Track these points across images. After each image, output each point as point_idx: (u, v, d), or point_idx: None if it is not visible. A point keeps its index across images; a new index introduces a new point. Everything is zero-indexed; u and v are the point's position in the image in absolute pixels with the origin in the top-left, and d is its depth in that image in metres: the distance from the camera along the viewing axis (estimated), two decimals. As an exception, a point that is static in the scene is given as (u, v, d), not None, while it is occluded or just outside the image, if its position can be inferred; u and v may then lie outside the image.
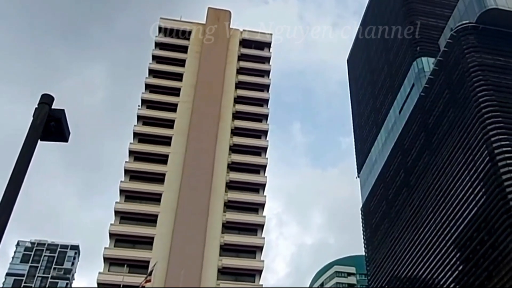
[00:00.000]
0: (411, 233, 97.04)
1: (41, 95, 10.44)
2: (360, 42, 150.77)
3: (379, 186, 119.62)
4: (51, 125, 10.27)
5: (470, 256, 76.25)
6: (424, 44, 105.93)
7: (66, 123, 10.62)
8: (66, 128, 10.59)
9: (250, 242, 61.81)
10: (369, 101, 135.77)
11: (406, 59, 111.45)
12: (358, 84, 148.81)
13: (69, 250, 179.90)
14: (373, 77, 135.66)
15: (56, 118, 10.35)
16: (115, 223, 61.17)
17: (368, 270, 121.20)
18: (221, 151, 66.88)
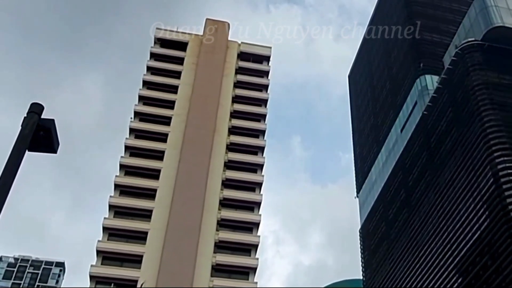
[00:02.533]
0: (411, 256, 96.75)
1: (30, 104, 10.44)
2: (362, 56, 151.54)
3: (379, 207, 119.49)
4: (40, 135, 10.27)
5: (472, 282, 75.97)
6: (428, 61, 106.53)
7: (56, 134, 10.62)
8: (55, 138, 10.59)
9: (243, 262, 61.55)
10: (370, 118, 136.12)
11: (409, 76, 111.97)
12: (358, 100, 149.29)
13: (54, 267, 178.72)
14: (374, 93, 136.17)
15: (46, 128, 10.35)
16: (103, 239, 60.85)
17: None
18: (215, 167, 66.82)
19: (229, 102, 73.76)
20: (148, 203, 63.26)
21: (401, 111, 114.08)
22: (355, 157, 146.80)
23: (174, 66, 75.92)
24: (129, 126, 70.31)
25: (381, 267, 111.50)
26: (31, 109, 10.39)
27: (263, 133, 73.72)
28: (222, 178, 66.89)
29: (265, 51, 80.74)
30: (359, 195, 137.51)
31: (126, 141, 69.00)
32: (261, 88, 77.61)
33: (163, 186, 64.38)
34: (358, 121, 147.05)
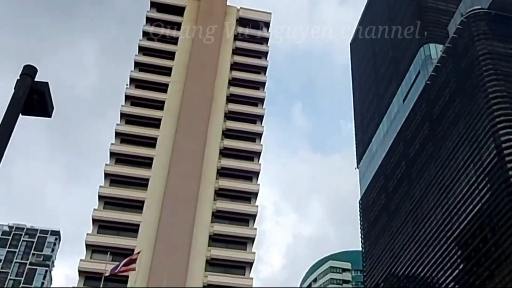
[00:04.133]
0: (410, 228, 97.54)
1: (23, 66, 10.39)
2: (365, 24, 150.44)
3: (379, 178, 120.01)
4: (33, 98, 10.24)
5: (471, 254, 76.77)
6: (433, 29, 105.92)
7: (50, 97, 10.59)
8: (49, 102, 10.56)
9: (241, 232, 61.94)
10: (372, 88, 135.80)
11: (413, 44, 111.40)
12: (361, 69, 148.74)
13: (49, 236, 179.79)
14: (376, 62, 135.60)
15: (39, 91, 10.31)
16: (99, 208, 61.14)
17: (364, 266, 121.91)
18: (213, 135, 66.79)
19: (227, 69, 73.40)
20: (144, 172, 63.38)
21: (404, 80, 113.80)
22: (356, 127, 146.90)
23: (171, 31, 75.29)
24: (125, 93, 70.08)
25: (380, 239, 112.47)
26: (24, 71, 10.33)
27: (262, 101, 73.55)
28: (220, 147, 66.93)
29: (264, 17, 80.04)
30: (359, 166, 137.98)
31: (122, 109, 68.85)
32: (261, 55, 77.17)
33: (159, 155, 64.45)
34: (359, 90, 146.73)
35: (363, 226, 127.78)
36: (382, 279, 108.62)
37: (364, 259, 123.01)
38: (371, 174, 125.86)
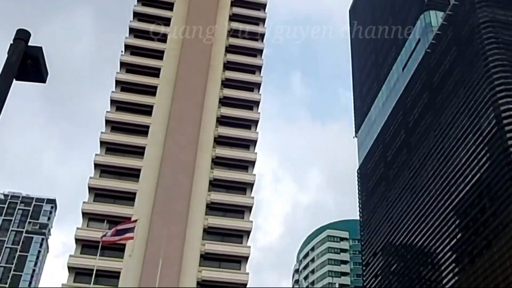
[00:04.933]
0: (408, 197, 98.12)
1: (16, 30, 10.30)
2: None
3: (378, 147, 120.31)
4: (27, 63, 10.18)
5: (469, 224, 77.41)
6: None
7: (44, 62, 10.52)
8: (44, 67, 10.50)
9: (238, 201, 62.22)
10: (371, 56, 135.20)
11: (413, 11, 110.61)
12: (359, 36, 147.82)
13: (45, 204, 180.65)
14: (376, 29, 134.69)
15: (33, 56, 10.24)
16: (95, 176, 61.27)
17: (362, 235, 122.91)
18: (210, 103, 66.64)
19: (224, 36, 72.89)
20: (140, 140, 63.36)
21: (404, 48, 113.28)
22: (354, 95, 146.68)
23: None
24: (120, 60, 69.65)
25: (378, 208, 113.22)
26: (17, 36, 10.24)
27: (260, 69, 73.21)
28: (216, 115, 66.84)
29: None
30: (357, 135, 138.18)
31: (117, 76, 68.51)
32: (258, 21, 76.56)
33: (156, 123, 64.36)
34: (358, 58, 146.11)
35: (361, 195, 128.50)
36: (380, 248, 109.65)
37: (362, 228, 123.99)
38: (369, 143, 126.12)
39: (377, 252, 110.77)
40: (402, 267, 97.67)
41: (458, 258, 79.10)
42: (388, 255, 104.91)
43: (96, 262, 47.70)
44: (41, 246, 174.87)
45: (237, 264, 58.50)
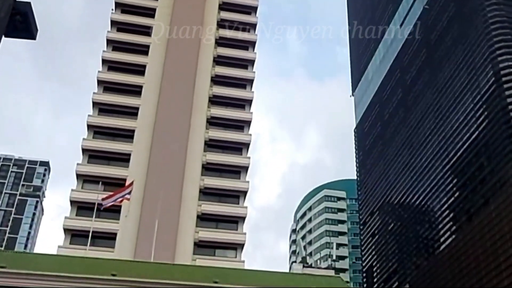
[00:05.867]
0: (406, 156, 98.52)
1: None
2: None
3: (375, 106, 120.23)
4: (16, 19, 10.07)
5: (467, 182, 77.92)
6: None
7: (33, 18, 10.41)
8: (33, 23, 10.39)
9: (234, 161, 62.47)
10: (368, 12, 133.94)
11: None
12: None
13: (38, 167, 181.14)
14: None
15: (22, 11, 10.13)
16: (88, 138, 61.27)
17: (359, 194, 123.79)
18: (203, 62, 66.27)
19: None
20: (133, 100, 63.17)
21: (401, 5, 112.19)
22: (351, 53, 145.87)
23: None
24: (111, 18, 68.91)
25: (375, 167, 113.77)
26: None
27: (254, 26, 72.60)
28: (211, 75, 66.57)
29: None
30: (354, 93, 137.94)
31: (108, 35, 67.86)
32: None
33: (149, 83, 64.09)
34: (355, 15, 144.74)
35: (358, 155, 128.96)
36: (377, 208, 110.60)
37: (359, 188, 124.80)
38: (366, 101, 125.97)
39: (374, 211, 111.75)
40: (399, 226, 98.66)
41: (455, 216, 79.86)
42: (385, 214, 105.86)
43: (92, 223, 48.04)
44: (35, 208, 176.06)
45: (234, 224, 59.05)
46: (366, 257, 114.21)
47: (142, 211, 54.23)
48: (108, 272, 33.41)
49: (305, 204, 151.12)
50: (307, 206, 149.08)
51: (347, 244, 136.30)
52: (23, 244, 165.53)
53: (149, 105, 62.28)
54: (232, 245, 57.69)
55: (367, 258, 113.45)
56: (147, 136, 60.38)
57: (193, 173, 59.24)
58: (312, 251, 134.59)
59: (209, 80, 66.15)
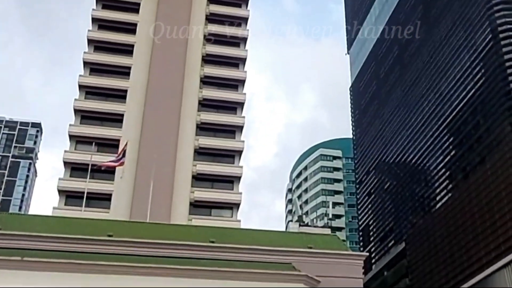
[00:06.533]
0: (402, 115, 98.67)
1: None
2: None
3: (370, 64, 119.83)
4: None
5: (463, 141, 78.24)
6: None
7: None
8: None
9: (229, 121, 62.51)
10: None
11: None
12: None
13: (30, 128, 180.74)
14: None
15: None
16: (80, 98, 61.08)
17: (355, 153, 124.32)
18: (196, 21, 65.68)
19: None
20: (125, 60, 62.75)
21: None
22: (346, 11, 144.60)
23: None
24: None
25: (371, 126, 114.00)
26: None
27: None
28: (204, 33, 66.06)
29: None
30: (350, 51, 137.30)
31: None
32: None
33: (140, 41, 63.57)
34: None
35: (353, 113, 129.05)
36: (373, 166, 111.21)
37: (355, 147, 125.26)
38: (362, 59, 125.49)
39: (370, 170, 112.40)
40: (395, 185, 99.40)
41: (451, 174, 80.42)
42: (381, 173, 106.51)
43: (86, 184, 48.28)
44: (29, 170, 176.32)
45: (229, 184, 59.41)
46: (362, 215, 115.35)
47: (137, 171, 54.44)
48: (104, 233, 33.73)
49: (301, 164, 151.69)
50: (303, 165, 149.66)
51: (343, 203, 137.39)
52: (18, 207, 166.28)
53: (141, 64, 61.94)
54: (227, 205, 58.16)
55: (363, 216, 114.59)
56: (140, 96, 60.23)
57: (188, 133, 59.33)
58: (308, 210, 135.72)
59: (202, 39, 65.68)
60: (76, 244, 32.17)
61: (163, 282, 31.15)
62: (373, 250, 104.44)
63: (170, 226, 42.81)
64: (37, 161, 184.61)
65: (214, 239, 35.09)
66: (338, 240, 42.28)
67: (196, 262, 33.01)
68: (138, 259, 31.97)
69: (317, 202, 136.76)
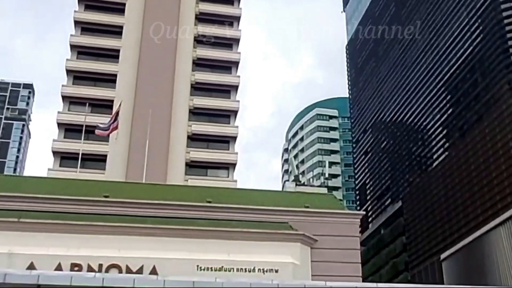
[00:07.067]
0: (399, 73, 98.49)
1: None
2: None
3: (367, 22, 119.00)
4: None
5: (460, 99, 78.35)
6: None
7: None
8: None
9: (224, 80, 62.29)
10: None
11: None
12: None
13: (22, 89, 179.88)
14: None
15: None
16: (72, 58, 60.65)
17: (352, 113, 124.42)
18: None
19: None
20: (117, 18, 62.06)
21: None
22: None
23: None
24: None
25: (368, 85, 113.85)
26: None
27: None
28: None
29: None
30: (346, 9, 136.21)
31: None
32: None
33: (133, 0, 62.93)
34: None
35: (350, 72, 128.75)
36: (369, 126, 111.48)
37: (351, 106, 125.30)
38: (358, 17, 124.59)
39: (367, 129, 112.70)
40: (392, 144, 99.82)
41: (448, 133, 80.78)
42: (378, 132, 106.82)
43: (81, 146, 48.30)
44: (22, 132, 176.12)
45: (225, 144, 59.52)
46: (359, 175, 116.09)
47: (132, 132, 54.43)
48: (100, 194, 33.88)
49: (297, 123, 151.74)
50: (299, 125, 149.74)
51: (340, 162, 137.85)
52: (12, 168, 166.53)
53: (134, 23, 61.33)
54: (224, 165, 58.37)
55: (360, 176, 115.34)
56: (133, 55, 59.84)
57: (182, 93, 59.18)
58: (304, 170, 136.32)
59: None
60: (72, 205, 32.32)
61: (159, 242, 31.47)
62: (370, 209, 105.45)
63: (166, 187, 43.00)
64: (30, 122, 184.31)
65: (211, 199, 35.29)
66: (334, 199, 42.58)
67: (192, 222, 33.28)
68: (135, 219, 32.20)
69: (313, 162, 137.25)
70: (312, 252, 33.90)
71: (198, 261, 31.32)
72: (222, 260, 31.74)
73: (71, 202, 32.76)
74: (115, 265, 29.97)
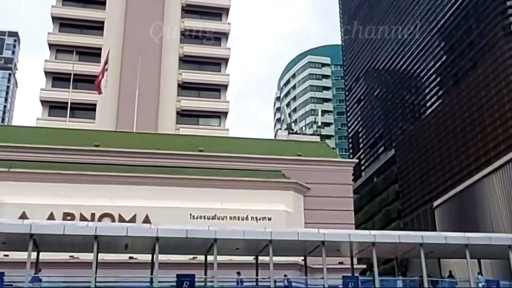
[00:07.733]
0: (392, 20, 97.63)
1: None
2: None
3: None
4: None
5: (454, 46, 77.94)
6: None
7: None
8: None
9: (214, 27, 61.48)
10: None
11: None
12: None
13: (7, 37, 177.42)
14: None
15: None
16: (57, 5, 59.67)
17: (344, 60, 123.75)
18: None
19: None
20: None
21: None
22: None
23: None
24: None
25: (360, 31, 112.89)
26: None
27: None
28: None
29: None
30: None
31: None
32: None
33: None
34: None
35: (343, 19, 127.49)
36: (362, 73, 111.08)
37: (344, 53, 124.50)
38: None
39: (360, 77, 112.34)
40: (385, 91, 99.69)
41: (442, 80, 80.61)
42: (371, 79, 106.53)
43: (69, 95, 48.06)
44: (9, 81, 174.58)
45: (216, 92, 59.35)
46: (352, 123, 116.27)
47: (121, 80, 54.07)
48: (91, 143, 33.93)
49: (289, 71, 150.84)
50: (291, 73, 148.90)
51: (332, 110, 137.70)
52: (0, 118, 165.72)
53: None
54: (215, 114, 58.33)
55: (353, 124, 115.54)
56: (120, 1, 58.98)
57: (172, 40, 58.63)
58: (297, 118, 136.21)
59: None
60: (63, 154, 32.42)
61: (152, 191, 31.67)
62: (363, 157, 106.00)
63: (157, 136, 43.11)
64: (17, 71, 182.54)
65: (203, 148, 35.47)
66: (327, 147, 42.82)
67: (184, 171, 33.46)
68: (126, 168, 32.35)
69: (306, 110, 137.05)
70: (305, 200, 34.31)
71: (191, 209, 31.67)
72: (215, 209, 32.12)
73: (62, 152, 32.84)
74: (108, 214, 30.31)
